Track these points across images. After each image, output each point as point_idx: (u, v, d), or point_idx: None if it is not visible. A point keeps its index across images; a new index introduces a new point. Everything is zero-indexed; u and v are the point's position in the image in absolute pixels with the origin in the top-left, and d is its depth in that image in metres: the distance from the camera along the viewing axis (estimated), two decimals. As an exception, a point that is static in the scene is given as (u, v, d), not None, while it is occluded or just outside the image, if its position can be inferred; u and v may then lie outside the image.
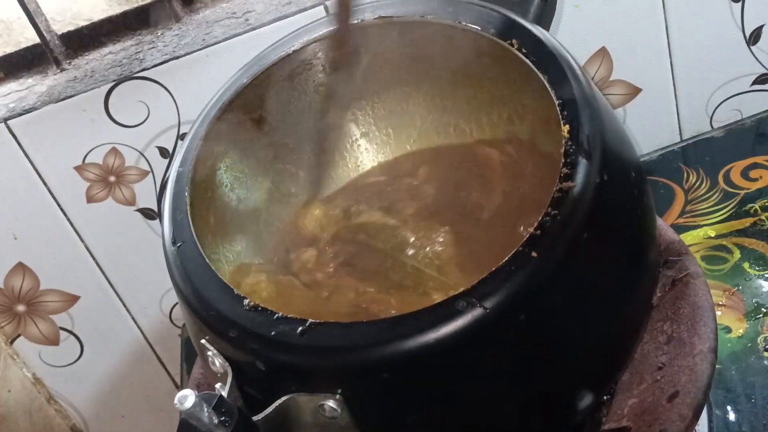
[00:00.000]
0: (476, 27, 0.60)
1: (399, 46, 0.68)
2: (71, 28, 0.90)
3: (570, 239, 0.47)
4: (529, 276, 0.46)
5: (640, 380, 0.55)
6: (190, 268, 0.55)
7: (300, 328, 0.48)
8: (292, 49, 0.68)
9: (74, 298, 0.93)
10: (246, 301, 0.51)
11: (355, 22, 0.66)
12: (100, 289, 0.93)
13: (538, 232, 0.47)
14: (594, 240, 0.49)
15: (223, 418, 0.47)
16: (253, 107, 0.69)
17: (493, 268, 0.46)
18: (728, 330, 0.76)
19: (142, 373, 0.99)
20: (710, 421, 0.69)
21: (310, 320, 0.48)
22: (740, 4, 0.94)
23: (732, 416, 0.69)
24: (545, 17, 0.65)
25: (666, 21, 0.94)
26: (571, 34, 0.92)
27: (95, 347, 0.96)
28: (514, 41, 0.58)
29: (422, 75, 0.71)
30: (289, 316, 0.49)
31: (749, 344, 0.75)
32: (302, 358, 0.48)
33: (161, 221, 0.62)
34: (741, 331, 0.76)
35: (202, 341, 0.52)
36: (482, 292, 0.45)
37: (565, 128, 0.52)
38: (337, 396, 0.47)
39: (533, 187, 0.63)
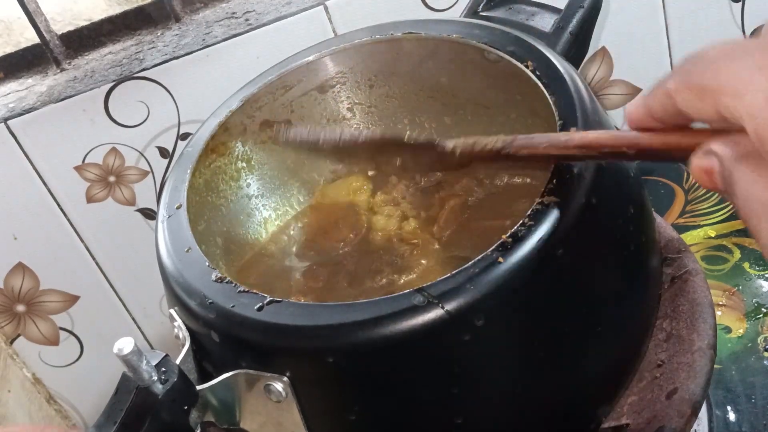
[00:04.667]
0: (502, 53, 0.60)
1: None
2: (71, 28, 0.90)
3: (541, 252, 0.46)
4: (490, 280, 0.45)
5: (639, 378, 0.55)
6: (175, 239, 0.56)
7: (259, 304, 0.48)
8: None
9: (74, 298, 0.93)
10: (214, 273, 0.51)
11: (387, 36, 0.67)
12: (100, 289, 0.93)
13: (510, 239, 0.46)
14: (571, 258, 0.47)
15: (163, 377, 0.47)
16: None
17: (459, 268, 0.46)
18: (728, 330, 0.76)
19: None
20: (710, 420, 0.69)
21: (270, 297, 0.48)
22: (740, 4, 0.94)
23: (732, 416, 0.69)
24: (576, 54, 0.65)
25: (666, 21, 0.94)
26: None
27: (95, 347, 0.96)
28: (529, 63, 0.58)
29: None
30: (252, 291, 0.49)
31: (749, 344, 0.75)
32: (255, 334, 0.47)
33: (158, 200, 0.62)
34: (741, 331, 0.76)
35: (171, 310, 0.53)
36: (441, 290, 0.45)
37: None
38: (285, 378, 0.47)
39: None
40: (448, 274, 0.46)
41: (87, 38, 0.91)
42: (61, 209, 0.88)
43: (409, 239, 0.66)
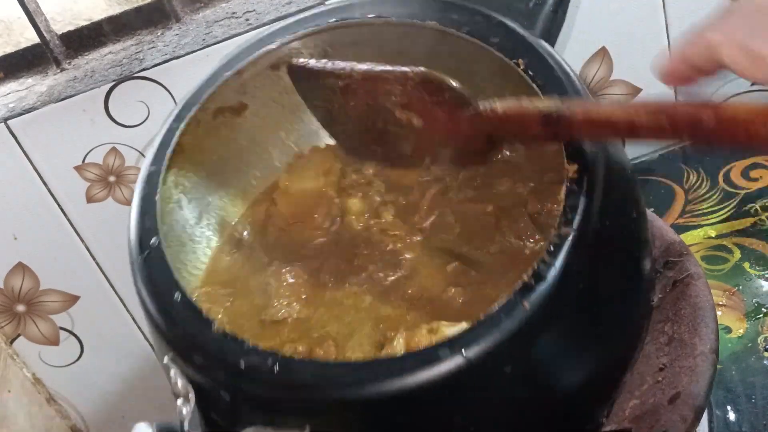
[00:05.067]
0: (482, 43, 0.58)
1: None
2: (71, 27, 0.90)
3: (565, 290, 0.45)
4: (518, 328, 0.44)
5: (641, 381, 0.55)
6: (157, 280, 0.53)
7: (272, 361, 0.46)
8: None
9: (74, 298, 0.93)
10: (215, 326, 0.49)
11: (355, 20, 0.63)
12: (100, 289, 0.93)
13: (533, 281, 0.45)
14: (590, 289, 0.47)
15: None
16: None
17: (482, 316, 0.45)
18: (728, 330, 0.76)
19: (142, 373, 0.99)
20: (710, 421, 0.69)
21: (281, 353, 0.46)
22: (740, 4, 0.94)
23: (732, 416, 0.69)
24: (554, 29, 0.63)
25: (666, 20, 0.94)
26: (571, 34, 0.92)
27: (95, 347, 0.96)
28: (520, 61, 0.56)
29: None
30: (260, 347, 0.47)
31: (749, 344, 0.75)
32: (273, 393, 0.46)
33: (128, 226, 0.58)
34: (741, 331, 0.76)
35: (165, 360, 0.50)
36: (469, 342, 0.44)
37: (572, 168, 0.49)
38: (306, 431, 0.45)
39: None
40: (474, 323, 0.44)
41: (87, 38, 0.91)
42: (61, 209, 0.88)
43: (389, 231, 0.64)
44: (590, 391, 0.50)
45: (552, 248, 0.46)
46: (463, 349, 0.43)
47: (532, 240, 0.57)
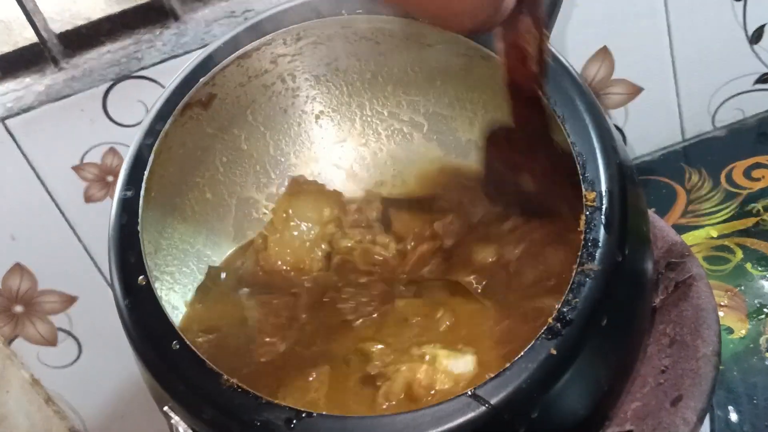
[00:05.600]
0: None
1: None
2: (69, 27, 0.90)
3: (590, 329, 0.45)
4: (546, 374, 0.43)
5: (643, 383, 0.55)
6: (150, 326, 0.50)
7: (288, 418, 0.44)
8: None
9: (72, 299, 0.93)
10: (223, 378, 0.47)
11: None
12: (99, 290, 0.93)
13: (558, 324, 0.44)
14: (613, 324, 0.46)
15: None
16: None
17: (509, 364, 0.44)
18: (730, 331, 0.76)
19: (140, 374, 0.99)
20: (712, 421, 0.69)
21: (300, 409, 0.44)
22: (742, 3, 0.94)
23: (734, 417, 0.69)
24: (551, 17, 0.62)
25: (668, 20, 0.94)
26: (571, 34, 0.91)
27: (94, 348, 0.96)
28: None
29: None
30: (276, 402, 0.45)
31: (751, 345, 0.75)
32: None
33: (109, 262, 0.53)
34: (743, 331, 0.76)
35: (165, 408, 0.48)
36: (497, 393, 0.43)
37: (591, 195, 0.48)
38: None
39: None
40: (500, 373, 0.44)
41: (85, 37, 0.90)
42: (60, 209, 0.88)
43: (370, 260, 0.63)
44: (596, 407, 0.49)
45: (575, 286, 0.45)
46: (489, 399, 0.43)
47: None
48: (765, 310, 0.77)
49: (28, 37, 0.89)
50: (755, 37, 0.96)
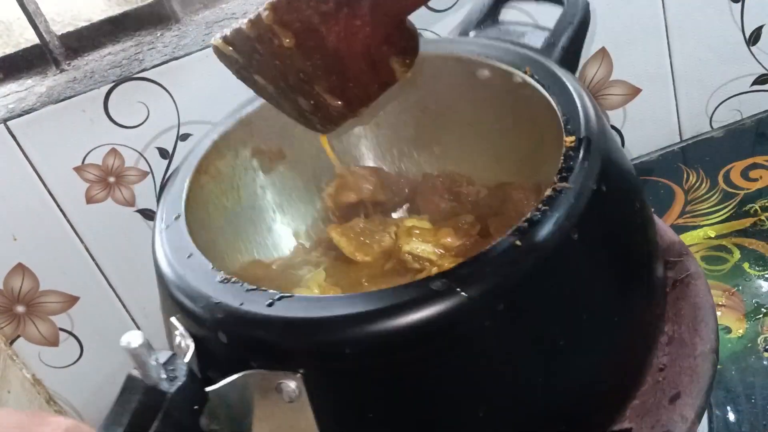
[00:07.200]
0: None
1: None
2: (71, 29, 0.90)
3: (558, 235, 0.46)
4: (509, 263, 0.45)
5: (641, 381, 0.55)
6: (175, 247, 0.54)
7: (269, 300, 0.46)
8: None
9: (74, 299, 0.93)
10: (220, 275, 0.50)
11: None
12: (100, 290, 0.93)
13: (526, 224, 0.46)
14: (586, 243, 0.48)
15: (171, 375, 0.45)
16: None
17: (474, 254, 0.46)
18: (728, 330, 0.76)
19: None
20: (710, 421, 0.69)
21: (281, 293, 0.47)
22: (740, 4, 0.94)
23: (732, 416, 0.69)
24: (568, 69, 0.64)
25: (666, 21, 0.94)
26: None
27: (95, 348, 0.96)
28: (527, 69, 0.59)
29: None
30: (261, 288, 0.48)
31: (749, 344, 0.75)
32: (265, 331, 0.46)
33: (158, 202, 0.61)
34: (741, 331, 0.76)
35: (171, 319, 0.51)
36: (461, 276, 0.44)
37: (569, 139, 0.52)
38: (298, 375, 0.45)
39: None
40: (466, 259, 0.46)
41: (86, 39, 0.91)
42: (61, 210, 0.88)
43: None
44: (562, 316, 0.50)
45: (547, 199, 0.48)
46: (457, 283, 0.44)
47: None
48: (763, 309, 0.78)
49: (29, 38, 0.89)
50: (753, 39, 0.97)
